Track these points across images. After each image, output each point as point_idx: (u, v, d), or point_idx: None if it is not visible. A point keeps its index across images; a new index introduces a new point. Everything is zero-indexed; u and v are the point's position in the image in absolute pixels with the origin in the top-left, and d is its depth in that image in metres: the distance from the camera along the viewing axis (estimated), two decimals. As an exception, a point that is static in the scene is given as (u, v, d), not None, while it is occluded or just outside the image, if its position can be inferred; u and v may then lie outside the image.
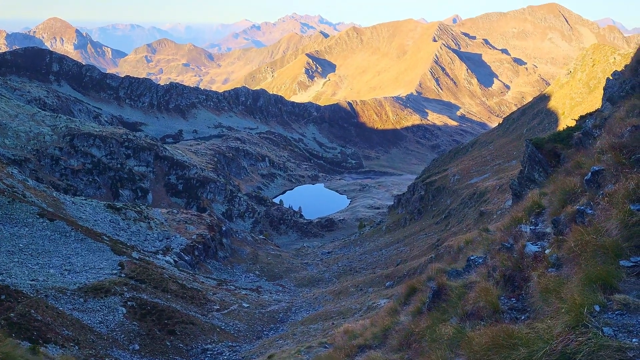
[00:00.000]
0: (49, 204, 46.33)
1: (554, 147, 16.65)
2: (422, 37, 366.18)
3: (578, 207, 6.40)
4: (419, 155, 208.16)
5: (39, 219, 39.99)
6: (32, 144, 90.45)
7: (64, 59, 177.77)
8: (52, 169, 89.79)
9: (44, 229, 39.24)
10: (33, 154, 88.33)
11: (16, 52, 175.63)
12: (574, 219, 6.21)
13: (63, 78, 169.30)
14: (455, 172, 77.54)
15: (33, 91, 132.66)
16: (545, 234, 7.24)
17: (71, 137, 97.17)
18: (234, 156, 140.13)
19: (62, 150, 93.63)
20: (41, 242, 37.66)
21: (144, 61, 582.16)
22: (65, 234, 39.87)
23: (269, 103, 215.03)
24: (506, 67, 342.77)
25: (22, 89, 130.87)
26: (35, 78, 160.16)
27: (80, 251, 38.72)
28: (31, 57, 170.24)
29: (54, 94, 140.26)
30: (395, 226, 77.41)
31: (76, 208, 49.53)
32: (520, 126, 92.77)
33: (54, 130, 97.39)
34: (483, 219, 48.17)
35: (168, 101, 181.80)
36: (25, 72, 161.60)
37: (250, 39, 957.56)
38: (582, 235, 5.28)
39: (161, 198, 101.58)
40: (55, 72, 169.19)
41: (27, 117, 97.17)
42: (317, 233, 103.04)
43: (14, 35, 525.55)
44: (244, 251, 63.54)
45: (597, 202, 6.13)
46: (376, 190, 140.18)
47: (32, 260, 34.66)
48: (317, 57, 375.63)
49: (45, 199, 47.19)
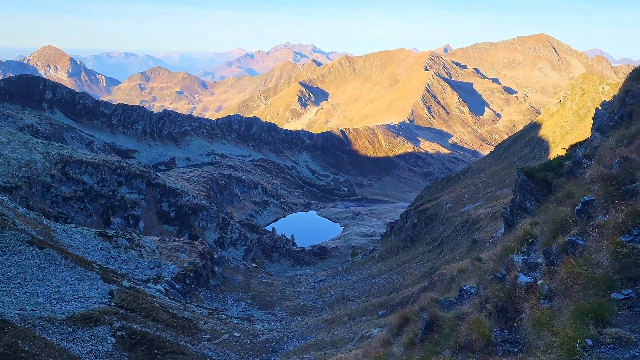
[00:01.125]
0: (39, 231, 45.89)
1: (545, 176, 16.76)
2: (414, 66, 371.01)
3: (569, 238, 6.41)
4: (411, 183, 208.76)
5: (28, 247, 39.54)
6: (24, 171, 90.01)
7: (57, 87, 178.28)
8: (43, 196, 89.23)
9: (33, 257, 38.77)
10: (24, 181, 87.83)
11: (10, 80, 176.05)
12: (565, 249, 6.21)
13: (56, 105, 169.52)
14: (448, 200, 77.72)
15: (26, 118, 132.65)
16: (537, 264, 7.23)
17: (63, 164, 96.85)
18: (227, 184, 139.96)
19: (53, 177, 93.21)
20: (30, 270, 37.16)
21: (138, 89, 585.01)
22: (55, 262, 39.39)
23: (262, 131, 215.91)
24: (497, 96, 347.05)
25: (15, 116, 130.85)
26: (29, 105, 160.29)
27: (69, 280, 38.21)
28: (25, 84, 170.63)
29: (47, 121, 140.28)
30: (388, 254, 77.13)
31: (67, 236, 49.07)
32: (511, 154, 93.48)
33: (46, 157, 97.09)
34: (476, 247, 48.15)
35: (161, 129, 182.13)
36: (18, 100, 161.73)
37: (243, 67, 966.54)
38: (574, 266, 5.27)
39: (153, 226, 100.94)
40: (48, 100, 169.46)
41: (19, 144, 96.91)
42: (309, 261, 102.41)
43: (8, 63, 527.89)
44: (235, 279, 62.99)
45: (588, 233, 6.14)
46: (369, 218, 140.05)
47: (21, 289, 34.14)
48: (310, 86, 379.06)
49: (35, 226, 46.76)
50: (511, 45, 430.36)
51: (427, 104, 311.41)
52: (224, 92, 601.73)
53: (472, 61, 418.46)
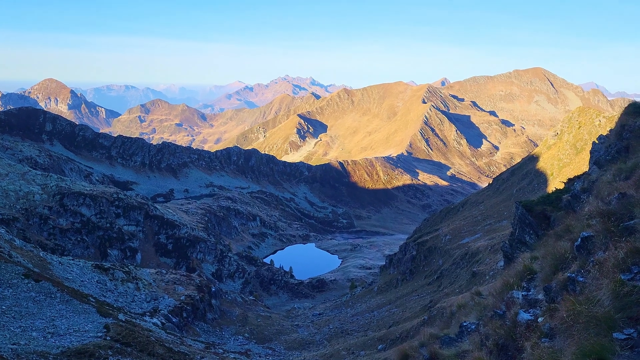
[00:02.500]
0: (36, 264, 45.52)
1: (543, 209, 16.75)
2: (412, 98, 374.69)
3: (569, 274, 6.37)
4: (410, 215, 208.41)
5: (24, 279, 39.15)
6: (22, 202, 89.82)
7: (57, 119, 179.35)
8: (40, 228, 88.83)
9: (29, 290, 38.35)
10: (22, 213, 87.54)
11: (10, 112, 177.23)
12: (565, 286, 6.16)
13: (56, 137, 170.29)
14: (447, 232, 77.47)
15: (25, 150, 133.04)
16: (538, 300, 7.16)
17: (61, 196, 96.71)
18: (225, 215, 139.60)
19: (51, 209, 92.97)
20: (25, 303, 36.71)
21: (137, 121, 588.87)
22: (50, 295, 38.96)
23: (260, 162, 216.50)
24: (494, 129, 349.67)
25: (14, 148, 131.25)
26: (28, 137, 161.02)
27: (65, 313, 37.72)
28: (25, 116, 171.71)
29: (46, 153, 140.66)
30: (387, 287, 76.47)
31: (63, 268, 48.66)
32: (510, 186, 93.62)
33: (44, 189, 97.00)
34: (475, 279, 47.78)
35: (160, 160, 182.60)
36: (18, 132, 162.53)
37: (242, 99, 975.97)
38: (574, 305, 5.22)
39: (150, 258, 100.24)
40: (48, 132, 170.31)
41: (17, 176, 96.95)
42: (308, 294, 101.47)
43: (9, 95, 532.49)
44: (233, 313, 62.24)
45: (587, 270, 6.10)
46: (368, 250, 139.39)
47: (15, 323, 33.66)
48: (309, 118, 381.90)
49: (31, 259, 46.41)
50: (508, 78, 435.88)
51: (425, 136, 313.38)
52: (223, 124, 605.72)
53: (469, 94, 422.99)
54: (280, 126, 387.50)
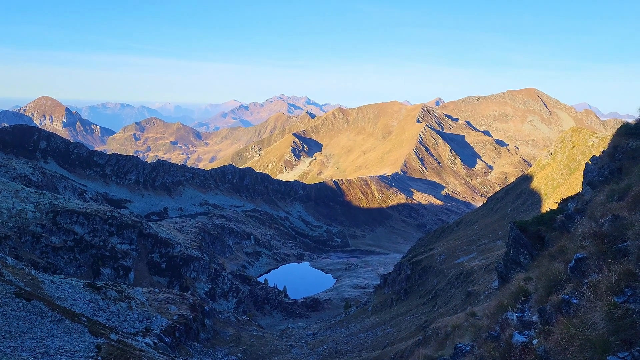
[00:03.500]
0: (27, 282, 45.07)
1: (538, 229, 16.79)
2: (407, 118, 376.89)
3: (563, 296, 6.37)
4: (404, 234, 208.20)
5: (15, 298, 38.70)
6: (14, 220, 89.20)
7: (51, 137, 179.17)
8: (32, 246, 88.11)
9: (19, 309, 37.91)
10: (14, 231, 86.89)
11: (4, 130, 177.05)
12: (559, 308, 6.16)
13: (50, 155, 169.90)
14: (442, 252, 77.37)
15: (19, 168, 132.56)
16: (532, 322, 7.15)
17: (54, 214, 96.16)
18: (219, 234, 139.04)
19: (44, 227, 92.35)
20: (16, 323, 36.26)
21: (132, 139, 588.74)
22: (41, 315, 38.50)
23: (255, 181, 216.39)
24: (489, 148, 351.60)
25: (8, 166, 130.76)
26: (22, 155, 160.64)
27: (56, 333, 37.25)
28: (19, 134, 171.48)
29: (40, 170, 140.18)
30: (382, 306, 76.05)
31: (55, 287, 48.18)
32: (504, 206, 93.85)
33: (37, 207, 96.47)
34: (470, 299, 47.62)
35: (154, 179, 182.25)
36: (12, 149, 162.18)
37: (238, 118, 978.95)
38: (569, 327, 5.21)
39: (143, 277, 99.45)
40: (42, 150, 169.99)
41: (10, 193, 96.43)
42: (302, 313, 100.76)
43: (4, 113, 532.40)
44: (226, 332, 61.65)
45: (582, 292, 6.11)
46: (362, 269, 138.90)
47: (5, 343, 33.21)
48: (304, 137, 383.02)
49: (23, 277, 45.96)
50: (501, 98, 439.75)
51: (419, 156, 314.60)
52: (218, 143, 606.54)
53: (463, 114, 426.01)
54: (275, 145, 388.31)
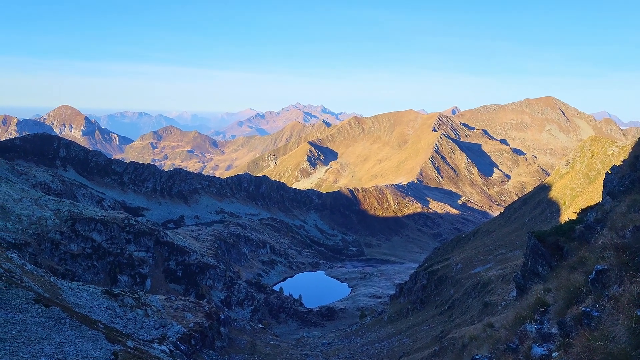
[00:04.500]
0: (46, 289, 45.59)
1: (556, 240, 16.60)
2: (423, 127, 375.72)
3: (584, 309, 6.30)
4: (420, 244, 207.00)
5: (34, 304, 39.16)
6: (34, 228, 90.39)
7: (71, 145, 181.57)
8: (51, 253, 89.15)
9: (38, 315, 38.33)
10: (34, 238, 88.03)
11: (25, 138, 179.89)
12: (580, 321, 6.09)
13: (69, 163, 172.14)
14: (458, 261, 76.76)
15: (39, 176, 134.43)
16: (551, 334, 7.07)
17: (73, 221, 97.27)
18: (235, 242, 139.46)
19: (62, 234, 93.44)
20: (35, 329, 36.66)
21: (150, 147, 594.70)
22: (60, 321, 38.88)
23: (271, 190, 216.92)
24: (506, 157, 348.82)
25: (28, 174, 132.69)
26: (42, 163, 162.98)
27: (74, 339, 37.58)
28: (39, 142, 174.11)
29: (59, 178, 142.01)
30: (398, 316, 75.57)
31: (73, 294, 48.66)
32: (522, 216, 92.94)
33: (57, 214, 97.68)
34: (487, 310, 47.12)
35: (171, 187, 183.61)
36: (32, 157, 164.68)
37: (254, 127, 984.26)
38: (589, 340, 5.15)
39: (160, 284, 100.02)
40: (62, 158, 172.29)
41: (30, 201, 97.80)
42: (317, 322, 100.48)
43: (25, 122, 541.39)
44: (241, 341, 61.68)
45: (602, 305, 6.04)
46: (378, 278, 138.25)
47: (24, 349, 33.58)
48: (320, 145, 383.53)
49: (42, 284, 46.50)
50: (519, 107, 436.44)
51: (435, 165, 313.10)
52: (234, 151, 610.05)
53: (480, 123, 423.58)
54: (291, 153, 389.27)
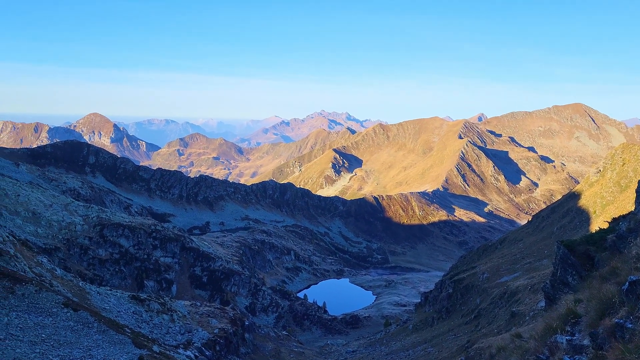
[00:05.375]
0: (75, 293, 46.38)
1: (587, 249, 16.26)
2: (448, 134, 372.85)
3: (617, 320, 6.15)
4: (446, 252, 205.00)
5: (63, 308, 39.86)
6: (64, 233, 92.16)
7: (100, 152, 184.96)
8: (80, 258, 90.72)
9: (67, 319, 38.99)
10: (63, 243, 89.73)
11: (56, 145, 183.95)
12: (613, 333, 5.94)
13: (98, 170, 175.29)
14: (485, 270, 75.75)
15: (69, 182, 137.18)
16: (583, 346, 6.91)
17: (101, 227, 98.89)
18: (260, 249, 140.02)
19: (91, 239, 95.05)
20: (64, 332, 37.29)
21: (176, 154, 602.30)
22: (88, 325, 39.49)
23: (295, 196, 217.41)
24: (533, 165, 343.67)
25: (59, 180, 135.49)
26: (72, 169, 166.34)
27: (101, 343, 38.12)
28: (69, 149, 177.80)
29: (88, 185, 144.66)
30: (423, 325, 74.84)
31: (101, 298, 49.40)
32: (550, 224, 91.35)
33: (86, 220, 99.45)
34: (515, 320, 46.36)
35: (197, 193, 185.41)
36: (63, 164, 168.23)
37: (279, 134, 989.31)
38: (623, 353, 5.02)
39: (185, 290, 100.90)
40: (91, 164, 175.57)
41: (60, 206, 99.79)
42: (341, 330, 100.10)
43: (56, 129, 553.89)
44: (266, 347, 61.79)
45: (637, 316, 5.88)
46: (402, 286, 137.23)
47: (53, 352, 34.17)
48: (344, 153, 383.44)
49: (71, 288, 47.33)
50: (547, 114, 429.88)
51: (461, 172, 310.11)
52: (259, 158, 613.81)
53: (507, 130, 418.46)
54: (316, 160, 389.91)
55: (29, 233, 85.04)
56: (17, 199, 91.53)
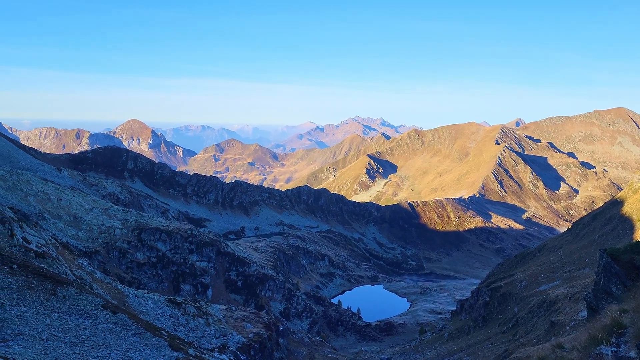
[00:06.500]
0: (114, 296, 47.33)
1: (632, 258, 15.71)
2: (485, 139, 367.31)
3: (667, 332, 5.89)
4: (482, 259, 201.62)
5: (102, 310, 40.70)
6: (103, 237, 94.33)
7: (138, 157, 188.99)
8: (119, 261, 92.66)
9: (106, 321, 39.79)
10: (103, 247, 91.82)
11: (97, 151, 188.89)
12: (663, 345, 5.69)
13: (136, 175, 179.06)
14: (522, 278, 74.15)
15: (108, 187, 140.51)
16: (630, 358, 6.66)
17: (139, 231, 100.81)
18: (294, 254, 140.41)
19: (129, 243, 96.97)
20: (103, 334, 38.06)
21: (212, 160, 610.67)
22: (126, 327, 40.21)
23: (330, 202, 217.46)
24: (574, 171, 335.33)
25: (99, 185, 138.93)
26: (112, 174, 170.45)
27: (139, 346, 38.75)
28: (109, 155, 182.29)
29: (127, 189, 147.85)
30: (459, 333, 73.68)
31: (138, 301, 50.28)
32: (591, 232, 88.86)
33: (124, 224, 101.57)
34: (554, 330, 45.18)
35: (232, 198, 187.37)
36: (103, 169, 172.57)
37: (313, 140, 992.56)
38: (676, 366, 4.79)
39: (220, 294, 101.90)
40: (129, 170, 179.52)
41: (100, 211, 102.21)
42: (375, 337, 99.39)
43: (97, 135, 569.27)
44: (300, 352, 61.82)
45: (688, 328, 5.62)
46: (438, 294, 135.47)
47: (93, 353, 34.90)
48: (379, 158, 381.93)
49: (110, 291, 48.32)
50: (588, 119, 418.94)
51: (498, 178, 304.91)
52: (294, 164, 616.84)
53: (545, 135, 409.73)
54: (350, 166, 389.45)
55: (70, 236, 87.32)
56: (60, 203, 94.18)
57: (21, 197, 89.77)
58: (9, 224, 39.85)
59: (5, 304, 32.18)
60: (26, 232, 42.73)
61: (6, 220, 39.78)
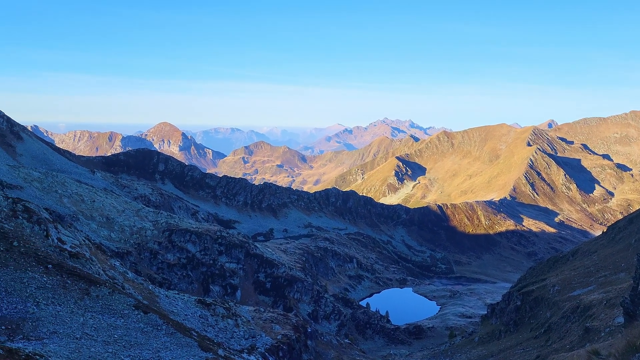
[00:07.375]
0: (145, 296, 48.00)
1: (670, 263, 15.21)
2: (516, 141, 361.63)
3: None
4: (513, 263, 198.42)
5: (134, 310, 41.31)
6: (135, 237, 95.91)
7: (169, 160, 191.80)
8: (150, 262, 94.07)
9: (138, 321, 40.38)
10: (134, 248, 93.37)
11: (128, 153, 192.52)
12: None
13: (167, 177, 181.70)
14: (555, 283, 72.65)
15: (140, 188, 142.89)
16: (672, 366, 6.42)
17: (170, 232, 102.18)
18: (322, 256, 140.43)
19: (160, 244, 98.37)
20: (134, 334, 38.63)
21: (241, 162, 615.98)
22: (157, 327, 40.72)
23: (358, 204, 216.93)
24: (609, 173, 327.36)
25: (131, 186, 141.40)
26: (143, 176, 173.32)
27: (169, 345, 39.20)
28: (141, 157, 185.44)
29: (158, 191, 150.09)
30: (489, 338, 72.57)
31: (169, 302, 50.90)
32: (627, 236, 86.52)
33: (155, 225, 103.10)
34: (589, 336, 44.12)
35: (261, 200, 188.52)
36: (134, 171, 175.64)
37: (342, 142, 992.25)
38: None
39: (249, 295, 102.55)
40: (160, 172, 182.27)
41: (132, 212, 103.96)
42: (404, 340, 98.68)
43: (129, 138, 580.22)
44: (328, 355, 61.71)
45: None
46: (467, 297, 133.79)
47: (125, 352, 35.44)
48: (407, 160, 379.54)
49: (141, 291, 49.02)
50: (623, 120, 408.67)
51: (530, 180, 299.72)
52: (322, 166, 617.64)
53: (579, 136, 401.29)
54: (379, 168, 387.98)
55: (103, 237, 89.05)
56: (93, 205, 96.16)
57: (56, 199, 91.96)
58: (44, 225, 40.78)
59: (40, 303, 32.91)
60: (61, 232, 43.63)
61: (42, 221, 40.73)
